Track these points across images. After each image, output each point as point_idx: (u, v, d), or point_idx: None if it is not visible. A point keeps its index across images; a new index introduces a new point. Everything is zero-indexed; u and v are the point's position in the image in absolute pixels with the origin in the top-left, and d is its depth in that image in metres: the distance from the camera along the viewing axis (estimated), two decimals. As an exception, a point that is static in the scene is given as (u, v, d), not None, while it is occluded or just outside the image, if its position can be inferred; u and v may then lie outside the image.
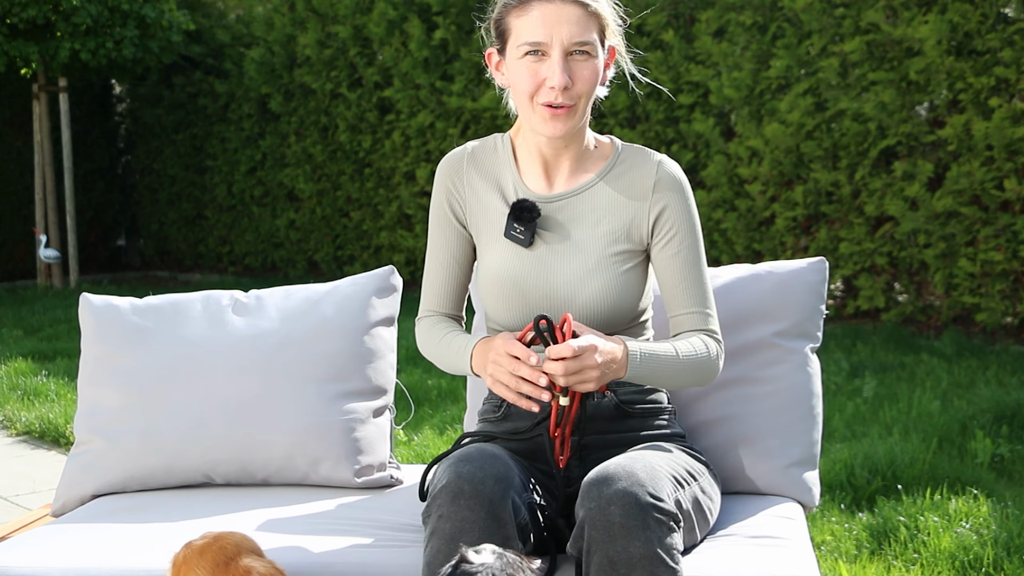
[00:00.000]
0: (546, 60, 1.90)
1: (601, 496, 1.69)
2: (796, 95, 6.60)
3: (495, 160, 2.07)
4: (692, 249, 2.01)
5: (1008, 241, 5.87)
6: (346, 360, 2.35)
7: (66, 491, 2.37)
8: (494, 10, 1.99)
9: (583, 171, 2.03)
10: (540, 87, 1.91)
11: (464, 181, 2.07)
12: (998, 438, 4.01)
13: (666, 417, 2.07)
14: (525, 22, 1.90)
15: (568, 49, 1.90)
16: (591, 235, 1.99)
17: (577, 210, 2.01)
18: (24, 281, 11.16)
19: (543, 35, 1.89)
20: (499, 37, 1.97)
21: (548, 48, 1.90)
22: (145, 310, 2.42)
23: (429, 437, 4.40)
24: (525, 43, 1.90)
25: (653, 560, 1.65)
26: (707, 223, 7.16)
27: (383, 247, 9.52)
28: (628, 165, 2.03)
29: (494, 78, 2.02)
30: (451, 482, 1.73)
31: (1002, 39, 5.78)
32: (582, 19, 1.89)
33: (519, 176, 2.04)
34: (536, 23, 1.89)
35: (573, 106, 1.92)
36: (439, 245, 2.10)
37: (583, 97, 1.93)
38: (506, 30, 1.95)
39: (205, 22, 11.02)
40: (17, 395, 5.56)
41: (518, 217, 1.99)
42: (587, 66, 1.92)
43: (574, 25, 1.89)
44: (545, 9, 1.89)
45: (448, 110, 8.61)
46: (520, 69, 1.93)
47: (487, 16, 2.01)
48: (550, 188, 2.03)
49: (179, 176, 11.43)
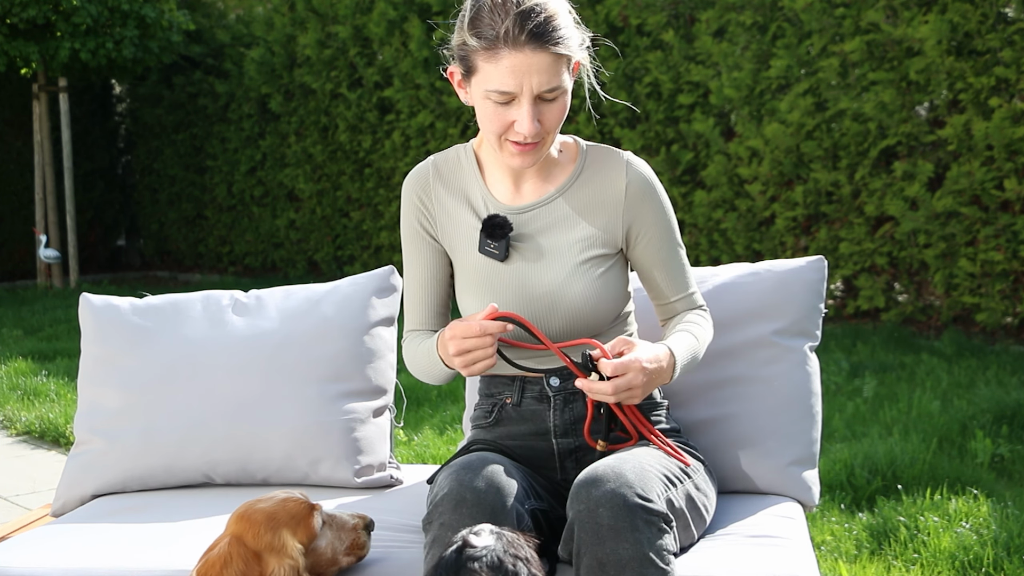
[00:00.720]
0: (514, 105, 1.87)
1: (590, 498, 1.69)
2: (796, 95, 6.60)
3: (460, 173, 2.06)
4: (669, 241, 2.03)
5: (1008, 241, 5.87)
6: (346, 360, 2.35)
7: (66, 491, 2.37)
8: (455, 34, 1.92)
9: (551, 178, 2.03)
10: (508, 128, 1.89)
11: (432, 197, 2.06)
12: (998, 438, 4.01)
13: (660, 412, 2.07)
14: (494, 69, 1.85)
15: (538, 95, 1.86)
16: (565, 242, 1.99)
17: (549, 218, 2.00)
18: (24, 281, 11.16)
19: (513, 86, 1.84)
20: (463, 65, 1.91)
21: (518, 95, 1.86)
22: (145, 310, 2.42)
23: (429, 437, 4.40)
24: (495, 90, 1.86)
25: (643, 562, 1.65)
26: (707, 223, 7.16)
27: (383, 247, 9.52)
28: (595, 168, 2.02)
29: (457, 94, 1.98)
30: (453, 490, 1.72)
31: (1002, 39, 5.78)
32: (551, 66, 1.85)
33: (487, 188, 2.03)
34: (505, 73, 1.84)
35: (541, 141, 1.91)
36: (415, 263, 2.09)
37: (551, 132, 1.92)
38: (472, 66, 1.89)
39: (205, 22, 11.02)
40: (17, 395, 5.56)
41: (491, 234, 1.98)
42: (555, 106, 1.89)
43: (543, 74, 1.84)
44: (515, 60, 1.83)
45: (448, 110, 8.61)
46: (487, 109, 1.89)
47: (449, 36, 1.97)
48: (519, 198, 2.02)
49: (179, 176, 11.43)
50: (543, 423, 2.01)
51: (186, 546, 1.97)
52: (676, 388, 2.23)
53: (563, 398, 2.00)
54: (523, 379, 2.03)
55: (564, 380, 2.01)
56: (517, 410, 2.03)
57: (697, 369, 2.22)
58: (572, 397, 2.00)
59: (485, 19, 1.85)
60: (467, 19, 1.88)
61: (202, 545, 1.96)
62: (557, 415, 2.00)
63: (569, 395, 2.00)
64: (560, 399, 2.00)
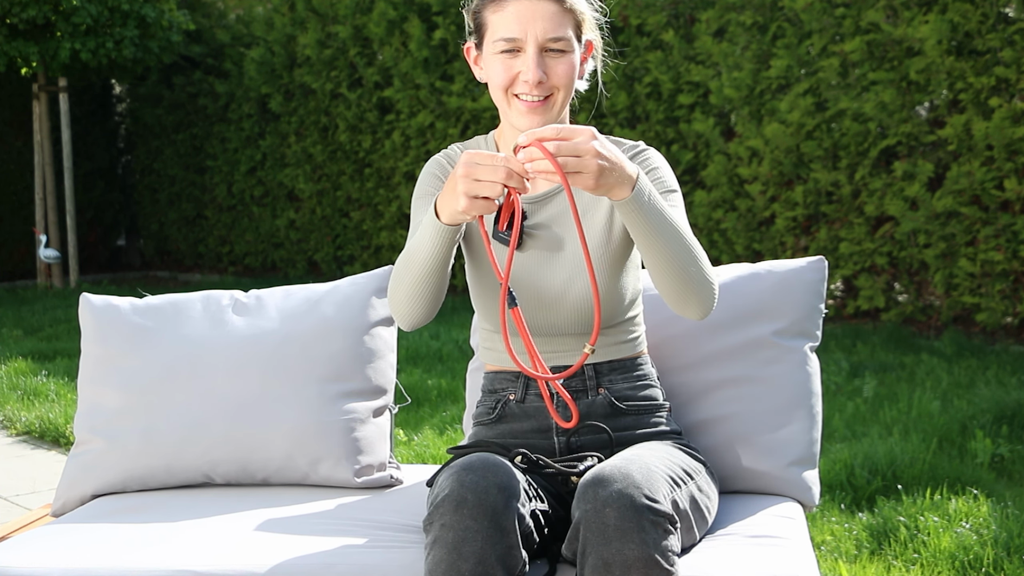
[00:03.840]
0: (520, 55, 1.91)
1: (596, 498, 1.68)
2: (796, 95, 6.60)
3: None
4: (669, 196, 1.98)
5: (1008, 241, 5.87)
6: (346, 360, 2.35)
7: (66, 491, 2.37)
8: (472, 2, 2.00)
9: None
10: (514, 81, 1.93)
11: None
12: (998, 438, 4.01)
13: (662, 415, 2.07)
14: (500, 18, 1.92)
15: (543, 45, 1.91)
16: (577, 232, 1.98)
17: (562, 206, 2.02)
18: (24, 281, 11.16)
19: (517, 31, 1.90)
20: (476, 31, 1.98)
21: (523, 44, 1.90)
22: (145, 310, 2.42)
23: (429, 437, 4.40)
24: (500, 39, 1.91)
25: (648, 563, 1.65)
26: (707, 223, 7.16)
27: (383, 247, 9.53)
28: None
29: (473, 72, 2.03)
30: (454, 491, 1.72)
31: (1002, 39, 5.78)
32: (556, 15, 1.91)
33: None
34: (511, 19, 1.90)
35: (549, 97, 1.94)
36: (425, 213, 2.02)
37: (559, 90, 1.94)
38: (482, 24, 1.96)
39: (205, 22, 11.02)
40: (17, 395, 5.56)
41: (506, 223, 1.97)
42: (562, 61, 1.93)
43: (548, 21, 1.90)
44: (520, 5, 1.90)
45: (448, 110, 8.61)
46: (495, 64, 1.94)
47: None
48: (533, 187, 2.04)
49: (179, 176, 11.43)
50: (545, 420, 2.01)
51: (186, 546, 1.97)
52: (676, 389, 2.24)
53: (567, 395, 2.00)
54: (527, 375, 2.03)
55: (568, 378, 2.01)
56: (520, 406, 2.03)
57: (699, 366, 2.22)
58: (575, 395, 2.00)
59: None
60: None
61: (202, 545, 1.97)
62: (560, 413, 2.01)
63: (572, 393, 2.01)
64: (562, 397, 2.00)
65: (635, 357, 2.07)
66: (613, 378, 2.03)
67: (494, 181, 1.65)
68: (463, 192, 1.68)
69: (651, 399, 2.06)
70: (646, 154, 2.04)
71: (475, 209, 1.68)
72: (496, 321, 2.05)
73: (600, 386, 2.01)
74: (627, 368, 2.04)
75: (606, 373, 2.03)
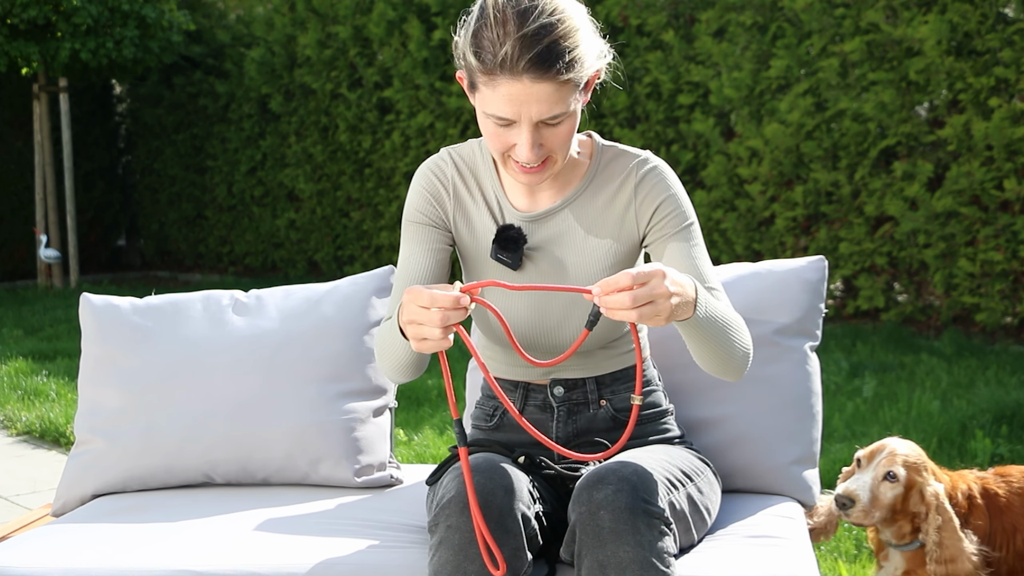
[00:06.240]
0: (514, 127, 1.75)
1: (591, 500, 1.68)
2: (796, 95, 6.60)
3: (477, 170, 1.98)
4: (683, 232, 1.89)
5: (1008, 241, 5.87)
6: (346, 360, 2.35)
7: (66, 491, 2.37)
8: (460, 39, 1.79)
9: (567, 182, 1.94)
10: (509, 149, 1.79)
11: (450, 191, 1.97)
12: (998, 438, 4.01)
13: (665, 420, 2.05)
14: (492, 95, 1.72)
15: (538, 122, 1.75)
16: (580, 250, 1.92)
17: (564, 224, 1.93)
18: (24, 281, 11.16)
19: (510, 113, 1.73)
20: (467, 77, 1.79)
21: (517, 121, 1.74)
22: (145, 310, 2.42)
23: (429, 437, 4.40)
24: (492, 115, 1.75)
25: (644, 565, 1.64)
26: (707, 223, 7.16)
27: (383, 247, 9.53)
28: (611, 170, 1.94)
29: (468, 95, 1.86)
30: (460, 493, 1.71)
31: (1002, 39, 5.78)
32: (553, 95, 1.71)
33: (503, 191, 1.95)
34: (503, 101, 1.72)
35: (547, 160, 1.81)
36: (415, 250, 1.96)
37: (558, 151, 1.80)
38: (474, 82, 1.77)
39: (205, 22, 11.02)
40: (17, 395, 5.57)
41: (503, 246, 1.91)
42: (560, 128, 1.77)
43: (544, 103, 1.71)
44: (513, 88, 1.70)
45: (448, 110, 8.61)
46: (488, 128, 1.78)
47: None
48: (534, 204, 1.94)
49: (179, 176, 11.43)
50: (545, 434, 1.99)
51: (186, 546, 1.97)
52: (676, 388, 2.24)
53: (567, 409, 1.98)
54: (527, 385, 2.01)
55: (568, 390, 1.99)
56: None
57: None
58: (576, 408, 1.98)
59: (485, 37, 1.72)
60: (470, 31, 1.76)
61: (202, 545, 1.97)
62: (560, 426, 1.99)
63: (573, 406, 1.99)
64: (564, 410, 1.98)
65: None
66: (616, 388, 2.00)
67: (432, 329, 1.58)
68: (412, 337, 1.62)
69: (654, 406, 2.05)
70: (656, 172, 1.92)
71: (429, 350, 1.62)
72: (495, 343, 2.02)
73: (602, 398, 1.99)
74: (629, 377, 2.02)
75: (608, 384, 2.00)
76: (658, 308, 1.58)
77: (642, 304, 1.56)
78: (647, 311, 1.57)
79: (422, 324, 1.59)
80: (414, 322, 1.60)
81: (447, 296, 1.57)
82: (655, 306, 1.57)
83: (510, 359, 2.02)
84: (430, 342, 1.60)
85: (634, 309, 1.56)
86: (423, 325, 1.59)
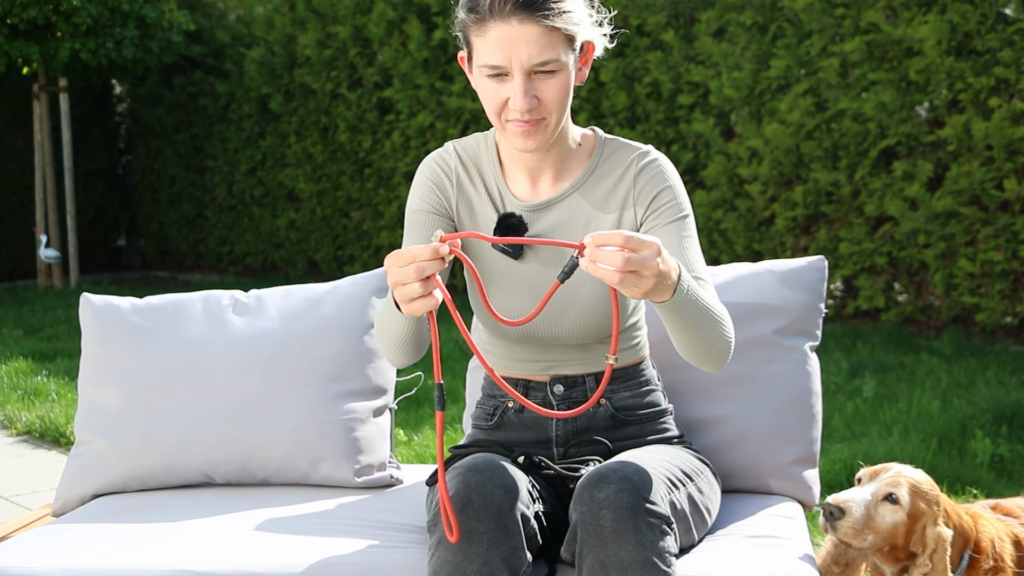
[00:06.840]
0: (508, 80, 1.81)
1: (593, 500, 1.68)
2: (796, 95, 6.60)
3: (480, 161, 2.02)
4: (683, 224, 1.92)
5: (1008, 241, 5.87)
6: (346, 360, 2.35)
7: (66, 491, 2.37)
8: (457, 15, 1.88)
9: (567, 173, 1.98)
10: (504, 106, 1.84)
11: (453, 183, 2.01)
12: (998, 438, 4.01)
13: (664, 420, 2.05)
14: (484, 43, 1.81)
15: (530, 70, 1.80)
16: (580, 238, 1.93)
17: (565, 214, 1.96)
18: (24, 281, 11.16)
19: (501, 58, 1.79)
20: (465, 45, 1.88)
21: (509, 70, 1.80)
22: (145, 310, 2.42)
23: (429, 437, 4.40)
24: (485, 65, 1.82)
25: (645, 564, 1.65)
26: (707, 223, 7.16)
27: (383, 247, 9.53)
28: (612, 162, 1.97)
29: (470, 80, 1.94)
30: (459, 493, 1.71)
31: (1002, 39, 5.78)
32: (542, 38, 1.78)
33: (504, 181, 1.99)
34: (494, 46, 1.79)
35: (543, 120, 1.85)
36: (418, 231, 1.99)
37: (553, 112, 1.85)
38: (469, 43, 1.86)
39: (205, 22, 11.02)
40: (17, 395, 5.56)
41: (504, 234, 1.92)
42: (553, 83, 1.82)
43: (533, 46, 1.78)
44: (502, 31, 1.78)
45: (448, 110, 8.61)
46: (484, 87, 1.85)
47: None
48: (535, 194, 1.98)
49: (179, 176, 11.43)
50: (545, 432, 2.00)
51: (186, 546, 1.97)
52: (676, 388, 2.24)
53: (567, 406, 1.99)
54: (526, 382, 2.02)
55: (568, 388, 1.99)
56: (519, 416, 2.01)
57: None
58: (576, 406, 1.98)
59: None
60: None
61: (202, 545, 1.97)
62: (560, 425, 1.99)
63: (573, 403, 1.99)
64: (564, 407, 1.98)
65: (637, 363, 2.05)
66: (615, 387, 2.01)
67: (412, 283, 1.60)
68: (399, 300, 1.64)
69: (653, 405, 2.05)
70: (656, 163, 1.96)
71: (418, 310, 1.63)
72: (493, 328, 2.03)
73: (602, 397, 1.99)
74: (629, 376, 2.03)
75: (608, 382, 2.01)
76: (640, 280, 1.58)
77: (629, 270, 1.56)
78: (630, 279, 1.57)
79: (405, 283, 1.60)
80: (398, 283, 1.61)
81: (424, 248, 1.60)
82: (638, 276, 1.58)
83: (511, 354, 2.03)
84: (417, 302, 1.61)
85: (620, 272, 1.56)
86: (407, 286, 1.60)
